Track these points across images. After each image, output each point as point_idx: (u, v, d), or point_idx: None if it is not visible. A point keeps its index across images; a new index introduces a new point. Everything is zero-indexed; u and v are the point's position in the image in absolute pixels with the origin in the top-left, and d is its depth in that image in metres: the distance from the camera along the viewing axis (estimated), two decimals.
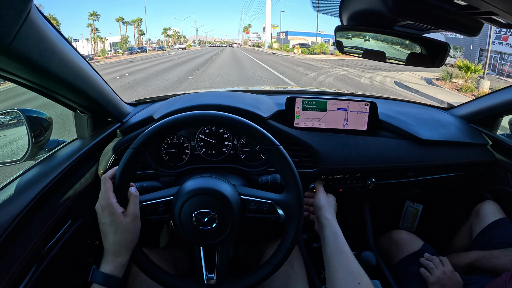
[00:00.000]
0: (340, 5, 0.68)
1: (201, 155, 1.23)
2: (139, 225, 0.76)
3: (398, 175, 1.35)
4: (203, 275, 0.83)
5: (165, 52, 56.28)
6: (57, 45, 0.72)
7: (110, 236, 0.73)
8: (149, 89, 10.50)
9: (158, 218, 0.82)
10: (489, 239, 1.25)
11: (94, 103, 1.01)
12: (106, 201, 0.73)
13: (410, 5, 0.54)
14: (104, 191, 0.74)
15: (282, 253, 0.82)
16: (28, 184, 0.84)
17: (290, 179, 0.79)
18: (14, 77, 0.70)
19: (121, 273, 0.74)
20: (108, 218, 0.72)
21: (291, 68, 18.16)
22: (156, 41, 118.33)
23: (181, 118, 0.77)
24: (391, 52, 0.89)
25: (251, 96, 1.35)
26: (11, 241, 0.72)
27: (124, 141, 1.13)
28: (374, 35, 0.87)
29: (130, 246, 0.75)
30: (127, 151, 0.75)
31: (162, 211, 0.82)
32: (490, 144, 1.41)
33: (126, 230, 0.73)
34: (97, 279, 0.71)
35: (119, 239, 0.73)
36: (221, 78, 13.05)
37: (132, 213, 0.74)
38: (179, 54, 41.04)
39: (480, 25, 0.64)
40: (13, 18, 0.53)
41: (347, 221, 1.64)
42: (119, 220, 0.72)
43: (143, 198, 0.81)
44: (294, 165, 0.81)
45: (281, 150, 0.79)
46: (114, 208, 0.72)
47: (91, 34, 58.41)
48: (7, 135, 1.03)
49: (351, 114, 1.23)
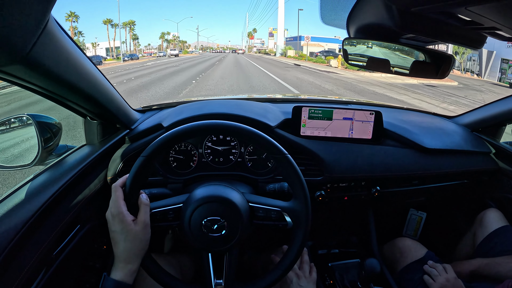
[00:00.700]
0: (348, 18, 0.69)
1: (209, 162, 1.24)
2: (149, 233, 0.77)
3: (403, 183, 1.35)
4: (212, 281, 0.83)
5: (140, 61, 39.34)
6: (72, 54, 0.74)
7: (120, 243, 0.73)
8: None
9: (167, 225, 0.83)
10: (492, 246, 1.25)
11: (104, 110, 1.02)
12: (116, 209, 0.74)
13: (416, 20, 0.56)
14: (114, 199, 0.75)
15: (290, 259, 0.83)
16: (39, 189, 0.85)
17: (298, 187, 0.81)
18: (29, 84, 0.71)
19: (132, 280, 0.74)
20: (118, 226, 0.73)
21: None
22: (157, 47, 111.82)
23: (192, 127, 0.79)
24: (395, 60, 0.90)
25: (259, 105, 1.37)
26: (21, 245, 0.73)
27: (132, 148, 1.15)
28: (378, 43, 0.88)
29: (140, 254, 0.76)
30: (138, 159, 0.76)
31: (171, 218, 0.83)
32: (493, 152, 1.41)
33: (136, 238, 0.74)
34: (108, 286, 0.71)
35: (129, 247, 0.73)
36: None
37: (143, 221, 0.75)
38: (165, 64, 28.72)
39: (483, 38, 0.65)
40: (32, 28, 0.55)
41: (352, 228, 1.64)
42: (129, 228, 0.73)
43: (153, 206, 0.82)
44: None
45: (289, 159, 0.80)
46: (125, 216, 0.73)
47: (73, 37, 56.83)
48: (17, 139, 1.04)
49: (357, 123, 1.25)
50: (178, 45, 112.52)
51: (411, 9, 0.52)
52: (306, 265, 1.09)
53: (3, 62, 0.57)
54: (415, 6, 0.51)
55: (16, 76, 0.66)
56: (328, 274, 1.31)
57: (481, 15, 0.48)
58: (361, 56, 0.92)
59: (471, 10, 0.46)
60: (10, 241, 0.69)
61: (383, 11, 0.57)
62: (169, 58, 50.63)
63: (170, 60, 38.82)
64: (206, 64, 28.12)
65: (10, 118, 1.01)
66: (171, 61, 37.25)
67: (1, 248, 0.67)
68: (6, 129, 1.03)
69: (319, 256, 1.43)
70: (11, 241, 0.69)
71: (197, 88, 12.00)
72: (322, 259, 1.35)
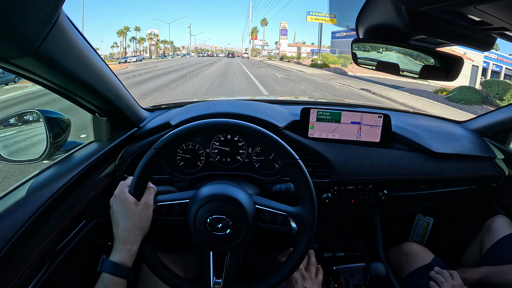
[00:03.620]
0: (357, 19, 0.69)
1: (216, 162, 1.25)
2: (150, 215, 0.78)
3: (410, 187, 1.34)
4: (210, 280, 0.84)
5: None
6: (82, 50, 0.75)
7: (120, 222, 0.75)
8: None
9: (172, 220, 0.83)
10: (499, 253, 1.24)
11: (113, 107, 1.04)
12: (119, 190, 0.78)
13: (425, 20, 0.56)
14: (120, 184, 0.80)
15: (291, 265, 0.82)
16: (46, 183, 0.86)
17: (306, 193, 0.80)
18: (39, 78, 0.73)
19: (130, 262, 0.74)
20: (119, 205, 0.76)
21: None
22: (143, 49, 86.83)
23: (205, 124, 0.80)
24: (405, 63, 0.90)
25: (267, 105, 1.37)
26: (27, 237, 0.74)
27: (140, 146, 1.16)
28: (388, 47, 0.88)
29: (139, 234, 0.76)
30: (150, 150, 0.78)
31: (177, 213, 0.83)
32: (502, 158, 1.40)
33: (136, 217, 0.75)
34: (106, 269, 0.72)
35: (129, 225, 0.75)
36: None
37: (145, 201, 0.77)
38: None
39: (493, 39, 0.65)
40: (43, 21, 0.56)
41: (358, 232, 1.63)
42: (130, 207, 0.75)
43: (160, 199, 0.83)
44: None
45: (300, 165, 0.80)
46: (126, 196, 0.76)
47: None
48: (26, 134, 1.06)
49: (365, 127, 1.24)
50: (156, 46, 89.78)
51: (420, 8, 0.52)
52: (313, 267, 1.08)
53: (14, 54, 0.58)
54: (424, 6, 0.51)
55: (26, 69, 0.67)
56: (333, 278, 1.30)
57: (490, 14, 0.48)
58: (370, 60, 0.92)
59: (479, 9, 0.46)
60: (16, 233, 0.70)
61: (392, 11, 0.57)
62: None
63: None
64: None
65: (20, 113, 1.02)
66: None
67: (7, 239, 0.68)
68: (17, 124, 1.04)
69: (324, 259, 1.42)
70: (16, 233, 0.70)
71: None
72: (327, 262, 1.35)
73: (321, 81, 16.24)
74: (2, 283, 0.66)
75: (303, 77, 17.96)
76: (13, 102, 9.50)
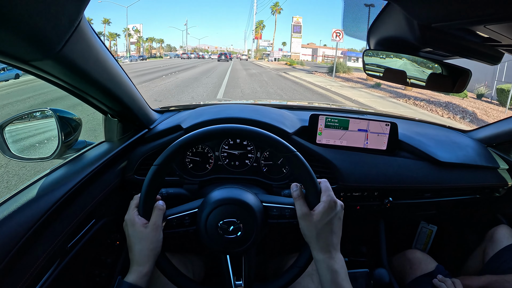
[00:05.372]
0: (368, 31, 0.71)
1: (225, 165, 1.26)
2: (160, 235, 0.79)
3: (415, 195, 1.35)
4: (232, 283, 0.84)
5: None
6: (101, 54, 0.78)
7: (133, 246, 0.76)
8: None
9: (184, 231, 0.84)
10: (502, 263, 1.24)
11: (127, 109, 1.05)
12: (128, 215, 0.79)
13: (436, 35, 0.57)
14: (129, 207, 0.81)
15: (306, 256, 0.82)
16: (57, 182, 0.88)
17: (310, 183, 0.80)
18: (57, 80, 0.74)
19: (144, 283, 0.75)
20: (131, 229, 0.77)
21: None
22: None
23: (206, 132, 0.79)
24: (412, 71, 0.90)
25: (276, 111, 1.38)
26: (38, 235, 0.75)
27: (151, 147, 1.18)
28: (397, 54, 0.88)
29: (151, 255, 0.77)
30: (151, 168, 0.78)
31: (188, 223, 0.84)
32: (507, 168, 1.40)
33: (146, 239, 0.76)
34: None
35: (140, 248, 0.76)
36: None
37: (153, 223, 0.78)
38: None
39: (501, 55, 0.66)
40: (66, 25, 0.58)
41: (362, 238, 1.64)
42: (140, 230, 0.76)
43: (169, 213, 0.84)
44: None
45: (299, 156, 0.80)
46: (135, 220, 0.77)
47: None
48: (38, 133, 1.07)
49: (372, 135, 1.26)
50: (137, 44, 75.27)
51: (432, 24, 0.53)
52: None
53: (36, 57, 0.60)
54: (436, 22, 0.52)
55: (46, 71, 0.68)
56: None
57: (499, 33, 0.49)
58: (378, 67, 0.93)
59: (490, 28, 0.47)
60: (28, 231, 0.72)
61: (405, 26, 0.59)
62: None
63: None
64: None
65: (33, 111, 1.04)
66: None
67: (18, 237, 0.70)
68: (29, 122, 1.06)
69: None
70: (28, 231, 0.72)
71: None
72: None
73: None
74: (13, 280, 0.68)
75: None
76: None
